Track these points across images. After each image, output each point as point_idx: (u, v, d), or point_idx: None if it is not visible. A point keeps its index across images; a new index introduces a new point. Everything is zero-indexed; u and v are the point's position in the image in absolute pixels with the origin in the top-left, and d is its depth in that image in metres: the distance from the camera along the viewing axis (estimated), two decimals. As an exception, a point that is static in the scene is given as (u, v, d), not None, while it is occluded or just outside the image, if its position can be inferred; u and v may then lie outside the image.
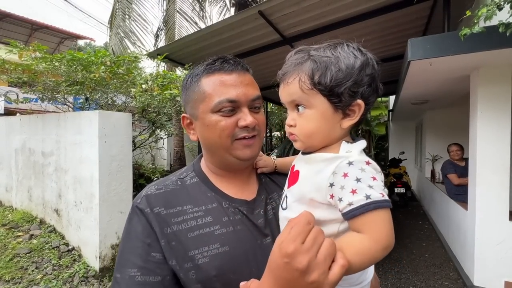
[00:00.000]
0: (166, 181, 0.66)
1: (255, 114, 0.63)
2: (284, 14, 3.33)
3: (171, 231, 0.57)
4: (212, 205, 0.62)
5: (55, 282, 2.50)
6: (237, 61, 0.64)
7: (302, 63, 0.53)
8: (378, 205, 0.45)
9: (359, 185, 0.46)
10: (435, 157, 5.58)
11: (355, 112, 0.52)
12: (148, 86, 3.32)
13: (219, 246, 0.57)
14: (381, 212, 0.45)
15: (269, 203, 0.67)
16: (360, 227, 0.45)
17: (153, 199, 0.61)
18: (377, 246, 0.44)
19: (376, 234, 0.45)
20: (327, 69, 0.50)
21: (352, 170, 0.47)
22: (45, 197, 3.40)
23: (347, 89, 0.50)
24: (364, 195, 0.45)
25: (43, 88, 3.46)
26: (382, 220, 0.45)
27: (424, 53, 2.43)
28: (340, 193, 0.47)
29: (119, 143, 2.90)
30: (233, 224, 0.60)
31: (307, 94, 0.52)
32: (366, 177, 0.47)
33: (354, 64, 0.50)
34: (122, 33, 5.37)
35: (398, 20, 3.56)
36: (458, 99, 4.45)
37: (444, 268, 3.38)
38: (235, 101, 0.60)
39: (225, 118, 0.60)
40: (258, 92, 0.64)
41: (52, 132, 3.29)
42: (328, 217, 0.51)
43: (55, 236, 3.11)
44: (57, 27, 15.31)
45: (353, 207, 0.45)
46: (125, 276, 0.55)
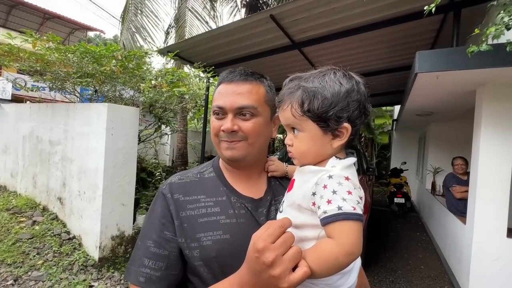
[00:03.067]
0: (188, 173, 0.78)
1: (242, 121, 0.70)
2: (295, 20, 3.37)
3: (185, 215, 0.69)
4: (222, 198, 0.72)
5: (55, 269, 2.55)
6: (242, 73, 0.72)
7: (294, 92, 0.59)
8: (347, 216, 0.50)
9: (334, 197, 0.52)
10: (437, 169, 5.58)
11: (343, 133, 0.58)
12: (158, 82, 3.37)
13: (221, 233, 0.67)
14: (349, 223, 0.50)
15: (274, 204, 0.75)
16: (330, 233, 0.51)
17: (175, 187, 0.73)
18: (341, 250, 0.49)
19: (341, 240, 0.50)
20: (314, 97, 0.56)
21: (331, 183, 0.53)
22: (50, 185, 3.46)
23: (333, 115, 0.56)
24: (337, 206, 0.51)
25: (54, 78, 3.53)
26: (349, 230, 0.50)
27: (431, 66, 2.46)
28: (319, 202, 0.53)
29: (126, 136, 2.95)
30: (237, 217, 0.69)
31: (298, 120, 0.58)
32: (341, 190, 0.52)
33: (339, 91, 0.56)
34: (134, 28, 5.44)
35: (407, 32, 3.58)
36: (463, 113, 4.46)
37: (439, 280, 3.39)
38: (222, 108, 0.70)
39: (216, 121, 0.72)
40: (249, 102, 0.70)
41: (60, 122, 3.35)
42: (311, 222, 0.57)
43: (57, 224, 3.17)
44: (68, 18, 15.45)
45: (327, 215, 0.51)
46: (143, 245, 0.68)
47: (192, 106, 4.87)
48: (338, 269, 0.51)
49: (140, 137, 4.17)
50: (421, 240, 4.78)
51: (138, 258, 0.68)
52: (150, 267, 0.66)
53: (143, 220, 3.42)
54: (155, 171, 4.89)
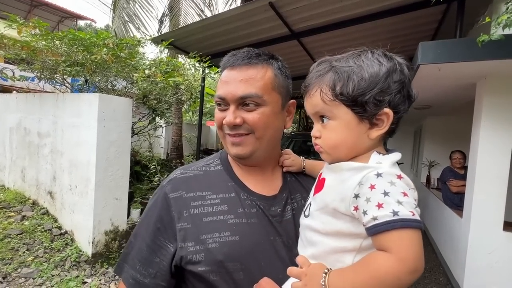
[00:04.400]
0: (192, 167, 0.70)
1: (246, 112, 0.61)
2: (295, 8, 3.26)
3: (188, 214, 0.61)
4: (230, 194, 0.64)
5: (46, 265, 2.46)
6: (246, 55, 0.63)
7: (324, 74, 0.52)
8: (405, 223, 0.41)
9: (387, 199, 0.43)
10: (432, 163, 5.62)
11: (383, 121, 0.50)
12: (151, 72, 3.24)
13: (229, 234, 0.59)
14: (409, 232, 0.41)
15: (290, 203, 0.67)
16: (385, 245, 0.42)
17: (177, 182, 0.66)
18: (402, 267, 0.40)
19: (402, 254, 0.41)
20: (348, 78, 0.49)
21: (380, 182, 0.45)
22: (39, 179, 3.33)
23: (371, 98, 0.48)
24: (391, 211, 0.42)
25: (42, 67, 3.35)
26: (410, 241, 0.41)
27: (434, 57, 2.40)
28: (365, 206, 0.44)
29: (119, 128, 2.84)
30: (247, 216, 0.62)
31: (329, 105, 0.51)
32: (395, 191, 0.43)
33: (379, 71, 0.49)
34: (126, 16, 5.22)
35: (409, 23, 3.51)
36: (461, 106, 4.45)
37: (434, 273, 3.43)
38: (223, 98, 0.62)
39: (219, 112, 0.64)
40: (252, 90, 0.60)
41: (49, 113, 3.21)
42: (351, 231, 0.49)
43: (48, 219, 3.06)
44: (57, 5, 14.85)
45: (378, 222, 0.42)
46: (137, 245, 0.64)
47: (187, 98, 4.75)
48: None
49: (133, 129, 4.05)
50: (415, 232, 4.83)
51: (131, 258, 0.64)
52: (140, 272, 0.62)
53: (137, 215, 3.36)
54: (150, 164, 4.78)
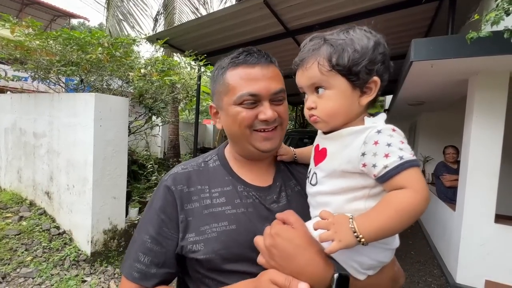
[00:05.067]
0: (192, 162, 0.73)
1: (276, 106, 0.66)
2: (289, 6, 3.27)
3: (190, 208, 0.65)
4: (227, 187, 0.68)
5: (45, 265, 2.47)
6: (261, 54, 0.67)
7: (319, 48, 0.56)
8: (411, 163, 0.49)
9: (391, 149, 0.50)
10: (427, 158, 5.70)
11: (372, 89, 0.57)
12: (147, 71, 3.24)
13: (227, 224, 0.63)
14: (415, 169, 0.50)
15: (284, 190, 0.72)
16: (400, 184, 0.49)
17: (178, 177, 0.68)
18: (421, 196, 0.48)
19: (417, 186, 0.49)
20: (343, 50, 0.54)
21: (382, 137, 0.51)
22: (36, 179, 3.32)
23: (363, 68, 0.54)
24: (398, 157, 0.49)
25: (36, 67, 3.33)
26: (418, 175, 0.50)
27: (427, 54, 2.44)
28: (373, 160, 0.51)
29: (115, 127, 2.84)
30: (244, 206, 0.66)
31: (326, 76, 0.55)
32: (395, 141, 0.51)
33: (368, 44, 0.54)
34: (120, 14, 5.18)
35: (402, 20, 3.55)
36: (454, 102, 4.52)
37: (429, 265, 3.50)
38: (256, 95, 0.63)
39: (246, 110, 0.64)
40: (281, 85, 0.66)
41: (45, 113, 3.19)
42: (360, 184, 0.55)
43: (46, 219, 3.06)
44: (49, 4, 14.63)
45: (389, 169, 0.49)
46: (140, 239, 0.66)
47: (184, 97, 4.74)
48: (418, 216, 0.50)
49: (130, 128, 4.04)
50: (410, 227, 4.89)
51: (134, 252, 0.65)
52: (145, 263, 0.63)
53: (135, 213, 3.37)
54: (147, 163, 4.78)
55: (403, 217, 0.49)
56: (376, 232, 0.49)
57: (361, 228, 0.49)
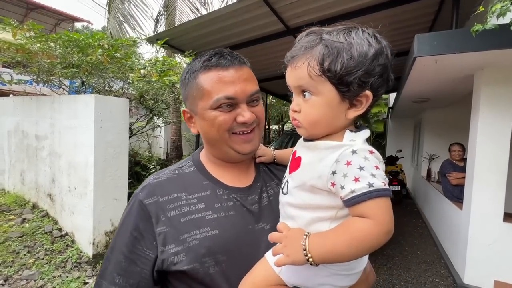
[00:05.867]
0: (165, 171, 0.70)
1: (253, 107, 0.65)
2: (289, 3, 3.23)
3: (166, 218, 0.61)
4: (205, 192, 0.65)
5: (47, 267, 2.47)
6: (234, 56, 0.65)
7: (313, 47, 0.50)
8: (380, 193, 0.46)
9: (362, 173, 0.46)
10: (432, 156, 5.61)
11: (362, 103, 0.51)
12: (147, 72, 3.23)
13: (209, 229, 0.60)
14: (383, 200, 0.46)
15: (265, 191, 0.70)
16: (364, 212, 0.46)
17: (151, 188, 0.65)
18: (381, 229, 0.46)
19: (380, 218, 0.46)
20: (338, 55, 0.48)
21: (356, 158, 0.47)
22: (38, 181, 3.34)
23: (357, 79, 0.48)
24: (367, 183, 0.46)
25: (38, 70, 3.35)
26: (385, 207, 0.47)
27: (430, 49, 2.38)
28: (342, 181, 0.47)
29: (116, 129, 2.83)
30: (225, 210, 0.63)
31: (314, 81, 0.50)
32: (369, 166, 0.47)
33: (368, 52, 0.48)
34: (121, 16, 5.20)
35: (405, 15, 3.48)
36: (460, 98, 4.43)
37: (436, 265, 3.43)
38: (234, 98, 0.61)
39: (224, 114, 0.62)
40: (256, 87, 0.65)
41: (46, 115, 3.21)
42: (327, 204, 0.52)
43: (48, 221, 3.07)
44: (53, 8, 14.84)
45: (356, 194, 0.46)
46: (114, 258, 0.62)
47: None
48: (374, 249, 0.47)
49: (132, 129, 4.04)
50: (416, 226, 4.84)
51: (109, 273, 0.62)
52: (121, 285, 0.60)
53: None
54: (149, 165, 4.78)
55: (358, 247, 0.46)
56: (326, 255, 0.47)
57: (312, 247, 0.47)
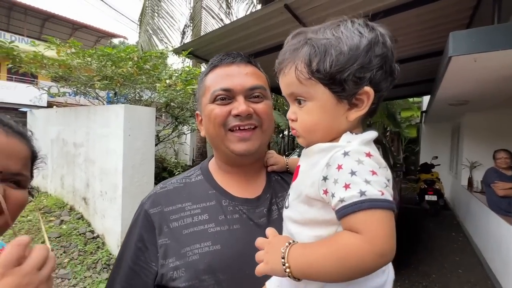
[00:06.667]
0: (172, 180, 0.68)
1: (254, 104, 0.61)
2: (310, 8, 3.18)
3: (169, 229, 0.59)
4: (210, 203, 0.61)
5: (79, 267, 2.62)
6: (238, 54, 0.64)
7: (299, 49, 0.46)
8: (374, 204, 0.38)
9: (354, 179, 0.39)
10: (474, 163, 5.10)
11: (363, 101, 0.45)
12: (172, 81, 3.37)
13: (210, 244, 0.56)
14: (378, 212, 0.38)
15: (275, 203, 0.64)
16: (354, 226, 0.38)
17: (157, 197, 0.64)
18: (370, 249, 0.37)
19: (370, 234, 0.37)
20: (326, 53, 0.43)
21: (348, 161, 0.41)
22: (75, 186, 3.60)
23: (351, 75, 0.43)
24: (358, 191, 0.38)
25: (77, 83, 3.66)
26: (378, 222, 0.38)
27: (468, 47, 2.18)
28: (333, 188, 0.41)
29: (143, 136, 2.97)
30: (229, 223, 0.59)
31: (305, 85, 0.46)
32: (363, 170, 0.40)
33: (359, 44, 0.43)
34: (151, 30, 5.54)
35: (439, 12, 3.24)
36: (504, 100, 4.00)
37: (481, 286, 3.06)
38: (229, 90, 0.59)
39: (220, 107, 0.60)
40: (259, 82, 0.62)
41: (83, 124, 3.47)
42: (324, 217, 0.44)
43: (83, 223, 3.28)
44: (95, 26, 16.41)
45: (345, 204, 0.39)
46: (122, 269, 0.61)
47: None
48: (363, 274, 0.39)
49: (159, 137, 4.22)
50: (457, 241, 4.38)
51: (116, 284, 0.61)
52: None
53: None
54: (175, 170, 4.94)
55: (342, 265, 0.38)
56: (306, 268, 0.40)
57: (292, 257, 0.40)
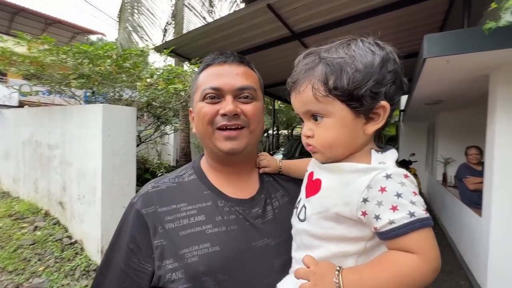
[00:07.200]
0: (163, 179, 0.66)
1: (243, 104, 0.61)
2: (293, 8, 3.22)
3: (164, 231, 0.57)
4: (206, 203, 0.61)
5: (56, 275, 2.50)
6: (231, 54, 0.65)
7: (313, 68, 0.48)
8: (423, 223, 0.41)
9: (401, 201, 0.42)
10: (448, 160, 5.39)
11: (380, 115, 0.47)
12: (154, 80, 3.28)
13: (209, 245, 0.56)
14: (427, 231, 0.42)
15: (270, 203, 0.65)
16: (407, 247, 0.41)
17: (149, 197, 0.62)
18: (428, 267, 0.41)
19: (428, 254, 0.41)
20: (342, 71, 0.45)
21: (391, 184, 0.43)
22: (50, 189, 3.42)
23: (368, 91, 0.45)
24: (408, 213, 0.41)
25: (51, 81, 3.47)
26: (431, 240, 0.42)
27: (441, 49, 2.29)
28: (377, 210, 0.43)
29: (123, 137, 2.87)
30: (226, 224, 0.59)
31: (322, 102, 0.47)
32: (407, 192, 0.42)
33: (373, 61, 0.46)
34: (131, 27, 5.34)
35: (414, 16, 3.40)
36: (475, 100, 4.25)
37: (455, 275, 3.24)
38: (219, 89, 0.60)
39: (208, 105, 0.61)
40: (249, 83, 0.63)
41: (58, 125, 3.30)
42: (354, 235, 0.47)
43: (59, 229, 3.13)
44: (70, 22, 15.57)
45: (395, 225, 0.41)
46: (109, 273, 0.59)
47: (193, 105, 4.75)
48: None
49: (140, 137, 4.10)
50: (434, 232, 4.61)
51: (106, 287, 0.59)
52: None
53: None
54: (158, 171, 4.82)
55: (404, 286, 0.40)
56: None
57: (348, 285, 0.41)
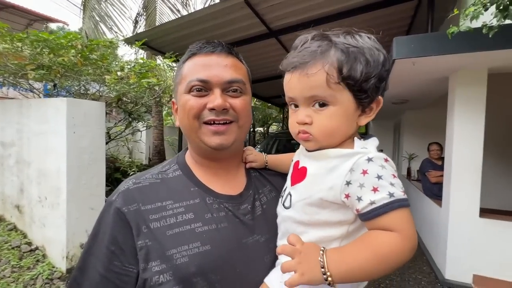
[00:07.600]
0: (145, 175, 0.61)
1: (232, 98, 0.59)
2: (270, 5, 3.23)
3: (148, 230, 0.53)
4: (194, 200, 0.58)
5: (14, 286, 2.27)
6: (219, 43, 0.61)
7: (327, 52, 0.46)
8: (401, 203, 0.43)
9: (381, 183, 0.43)
10: (412, 155, 5.79)
11: (373, 109, 0.50)
12: (124, 74, 3.09)
13: (199, 245, 0.53)
14: (405, 210, 0.43)
15: (258, 199, 0.64)
16: (387, 225, 0.43)
17: (131, 194, 0.56)
18: (408, 243, 0.42)
19: (406, 231, 0.43)
20: (356, 61, 0.46)
21: (372, 166, 0.44)
22: (5, 192, 3.09)
23: (373, 85, 0.47)
24: (387, 193, 0.43)
25: (4, 71, 3.11)
26: (408, 219, 0.43)
27: (408, 52, 2.45)
28: (359, 192, 0.44)
29: (90, 134, 2.68)
30: (216, 221, 0.56)
31: (332, 89, 0.46)
32: (387, 174, 0.44)
33: (379, 57, 0.48)
34: (97, 16, 4.98)
35: (384, 19, 3.59)
36: (436, 100, 4.61)
37: (418, 262, 3.51)
38: (206, 81, 0.57)
39: (195, 98, 0.57)
40: (239, 76, 0.60)
41: (13, 120, 2.98)
42: (337, 219, 0.48)
43: (16, 235, 2.84)
44: (25, 7, 14.03)
45: (376, 205, 0.43)
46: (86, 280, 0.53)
47: (167, 101, 4.59)
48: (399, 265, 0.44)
49: (109, 134, 3.86)
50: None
51: None
52: None
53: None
54: (130, 170, 4.58)
55: (382, 264, 0.42)
56: (347, 273, 0.42)
57: (332, 264, 0.42)
